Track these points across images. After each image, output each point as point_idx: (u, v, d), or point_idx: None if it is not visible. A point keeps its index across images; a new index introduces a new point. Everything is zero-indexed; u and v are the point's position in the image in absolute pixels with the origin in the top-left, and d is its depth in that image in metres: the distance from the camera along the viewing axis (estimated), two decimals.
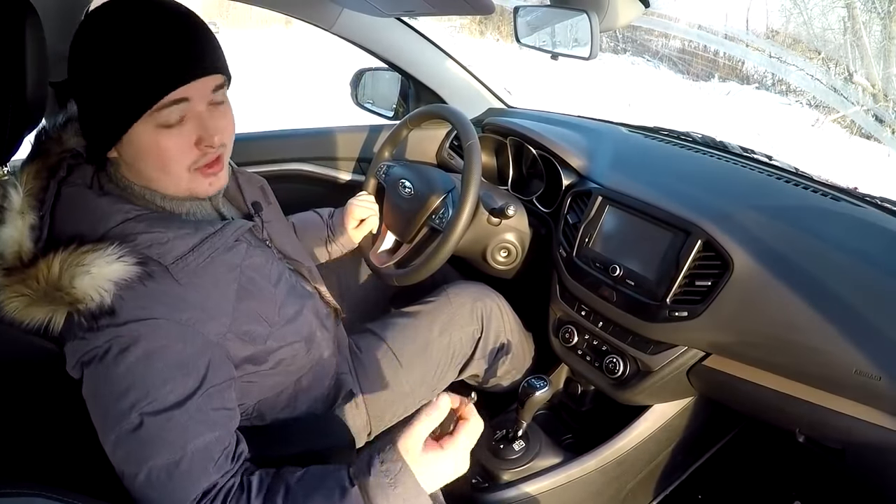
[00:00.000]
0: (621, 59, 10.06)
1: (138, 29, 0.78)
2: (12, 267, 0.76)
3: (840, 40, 7.77)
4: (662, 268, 1.13)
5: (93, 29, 0.79)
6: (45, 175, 0.83)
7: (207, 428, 0.79)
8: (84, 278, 0.74)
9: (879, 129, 6.56)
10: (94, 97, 0.80)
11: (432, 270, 1.27)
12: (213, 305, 0.84)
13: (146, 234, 0.81)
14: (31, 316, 0.75)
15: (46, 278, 0.75)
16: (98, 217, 0.81)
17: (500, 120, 1.68)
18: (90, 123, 0.83)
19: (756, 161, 1.32)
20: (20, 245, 0.77)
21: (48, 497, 0.57)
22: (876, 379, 0.90)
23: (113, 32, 0.78)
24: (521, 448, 1.26)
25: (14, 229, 0.77)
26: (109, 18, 0.79)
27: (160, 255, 0.81)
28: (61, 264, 0.75)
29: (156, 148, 0.82)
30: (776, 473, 1.53)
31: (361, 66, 1.96)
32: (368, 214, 1.46)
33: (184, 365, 0.79)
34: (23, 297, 0.75)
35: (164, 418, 0.76)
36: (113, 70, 0.78)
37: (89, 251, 0.76)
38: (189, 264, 0.82)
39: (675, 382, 1.20)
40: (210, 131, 0.84)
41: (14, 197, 0.78)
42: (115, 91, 0.78)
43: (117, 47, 0.78)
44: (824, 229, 1.05)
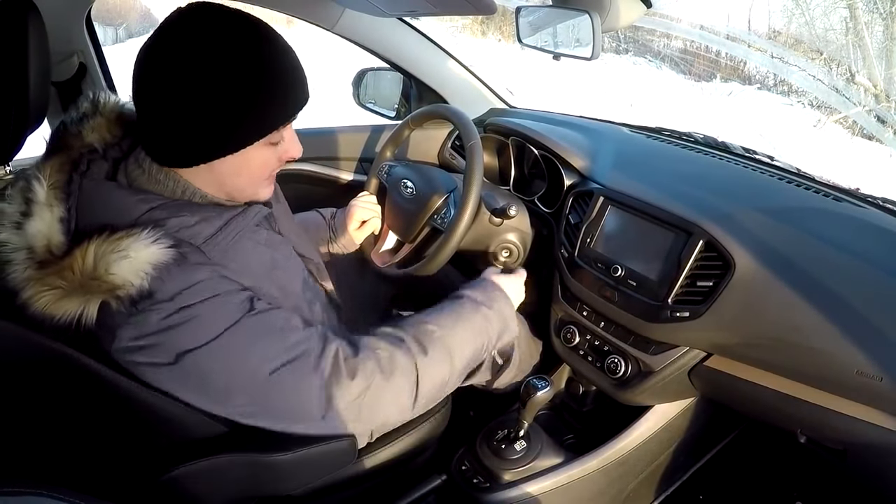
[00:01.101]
0: (623, 59, 10.05)
1: (269, 49, 0.82)
2: (45, 260, 0.76)
3: (842, 41, 7.76)
4: (664, 268, 1.13)
5: (208, 40, 0.78)
6: (68, 168, 0.83)
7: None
8: (123, 263, 0.75)
9: (881, 129, 6.55)
10: (208, 112, 0.79)
11: (434, 270, 1.28)
12: (252, 269, 0.88)
13: (173, 218, 0.82)
14: (64, 309, 0.75)
15: (81, 269, 0.75)
16: (124, 207, 0.81)
17: (502, 120, 1.68)
18: (190, 135, 0.81)
19: (758, 161, 1.32)
20: (49, 238, 0.77)
21: (51, 496, 0.57)
22: (877, 379, 0.90)
23: (241, 48, 0.79)
24: (522, 448, 1.26)
25: (42, 222, 0.77)
26: (231, 33, 0.79)
27: (190, 236, 0.82)
28: (95, 253, 0.75)
29: (258, 163, 0.88)
30: (777, 474, 1.53)
31: (363, 66, 1.96)
32: (371, 216, 1.46)
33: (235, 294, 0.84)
34: (56, 290, 0.75)
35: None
36: (246, 88, 0.79)
37: (123, 237, 0.76)
38: (219, 243, 0.84)
39: (676, 383, 1.20)
40: (295, 148, 0.92)
41: (39, 190, 0.78)
42: (243, 110, 0.81)
43: (253, 65, 0.79)
44: (826, 230, 1.04)
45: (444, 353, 0.98)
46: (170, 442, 0.94)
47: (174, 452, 0.93)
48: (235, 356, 0.82)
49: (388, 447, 1.21)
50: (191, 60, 0.77)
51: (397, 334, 0.97)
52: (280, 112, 0.84)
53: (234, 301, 0.83)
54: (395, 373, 0.92)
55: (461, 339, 1.02)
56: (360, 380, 0.88)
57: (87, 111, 0.90)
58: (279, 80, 0.82)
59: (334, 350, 0.89)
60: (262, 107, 0.82)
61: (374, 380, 0.90)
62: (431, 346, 0.97)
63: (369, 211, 1.46)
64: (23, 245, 0.77)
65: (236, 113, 0.80)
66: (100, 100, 0.91)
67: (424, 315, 1.04)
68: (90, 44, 1.61)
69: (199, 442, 0.95)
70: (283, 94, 0.83)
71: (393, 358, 0.93)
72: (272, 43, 0.82)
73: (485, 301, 1.09)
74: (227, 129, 0.81)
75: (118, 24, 20.40)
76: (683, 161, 1.37)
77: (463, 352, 1.02)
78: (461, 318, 1.05)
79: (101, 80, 1.66)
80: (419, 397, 0.96)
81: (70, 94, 1.60)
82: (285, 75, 0.83)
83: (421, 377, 0.95)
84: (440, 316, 1.03)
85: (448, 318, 1.03)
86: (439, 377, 0.99)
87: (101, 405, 0.87)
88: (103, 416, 0.90)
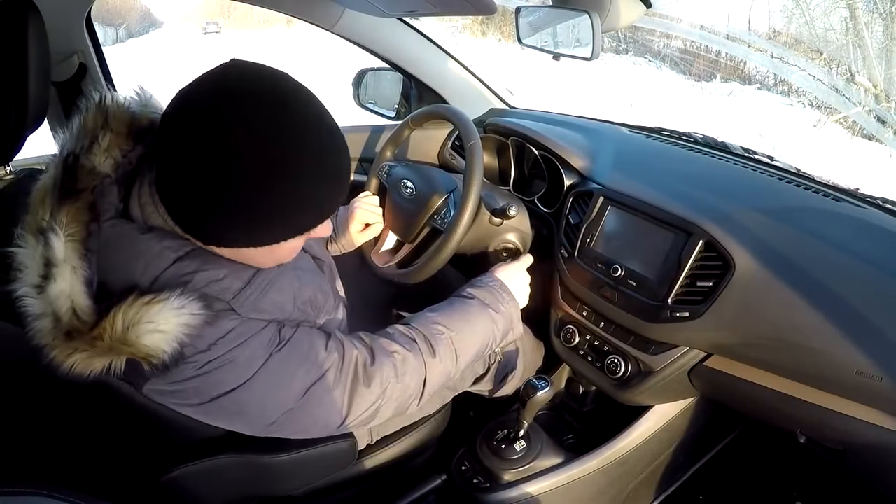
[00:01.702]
0: (623, 59, 10.06)
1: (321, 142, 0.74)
2: (71, 329, 0.71)
3: (842, 41, 7.76)
4: (664, 268, 1.13)
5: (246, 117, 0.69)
6: (86, 218, 0.76)
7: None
8: (156, 336, 0.72)
9: (881, 129, 6.55)
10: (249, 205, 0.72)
11: (434, 270, 1.28)
12: (282, 306, 0.86)
13: (201, 272, 0.77)
14: (91, 367, 0.73)
15: (111, 335, 0.71)
16: (148, 259, 0.75)
17: (502, 120, 1.68)
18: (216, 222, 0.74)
19: (758, 162, 1.32)
20: (73, 300, 0.72)
21: (50, 496, 0.57)
22: (877, 380, 0.90)
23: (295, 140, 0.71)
24: (522, 448, 1.26)
25: (64, 283, 0.71)
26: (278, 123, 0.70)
27: (219, 292, 0.78)
28: (124, 319, 0.71)
29: (290, 251, 0.84)
30: (777, 474, 1.53)
31: (363, 66, 1.96)
32: (374, 220, 1.46)
33: (267, 329, 0.83)
34: (84, 352, 0.72)
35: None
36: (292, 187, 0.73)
37: (151, 302, 0.72)
38: (248, 297, 0.80)
39: (676, 383, 1.20)
40: (325, 229, 0.84)
41: (58, 247, 0.71)
42: (286, 211, 0.75)
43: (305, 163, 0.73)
44: (826, 230, 1.04)
45: (450, 354, 1.02)
46: (170, 442, 0.94)
47: (174, 453, 0.93)
48: (269, 389, 0.83)
49: (389, 448, 1.21)
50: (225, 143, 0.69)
51: (410, 335, 1.00)
52: (319, 214, 0.79)
53: (264, 339, 0.81)
54: (406, 374, 0.95)
55: (467, 340, 1.05)
56: (376, 386, 0.91)
57: (97, 129, 0.80)
58: (326, 177, 0.76)
59: (354, 359, 0.90)
60: (306, 209, 0.77)
61: (388, 384, 0.93)
62: (440, 347, 1.01)
63: (372, 214, 1.46)
64: (46, 311, 0.72)
65: (276, 213, 0.74)
66: (108, 109, 0.81)
67: (435, 314, 1.06)
68: (90, 44, 1.61)
69: (200, 442, 0.95)
70: (329, 192, 0.78)
71: (406, 361, 0.96)
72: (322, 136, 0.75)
73: (492, 304, 1.11)
74: (264, 226, 0.75)
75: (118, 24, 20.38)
76: (683, 161, 1.37)
77: (468, 352, 1.06)
78: (469, 320, 1.07)
79: (102, 80, 1.66)
80: (425, 395, 1.00)
81: (70, 94, 1.60)
82: (333, 172, 0.77)
83: (428, 376, 0.99)
84: (450, 316, 1.06)
85: (457, 319, 1.06)
86: (445, 375, 1.02)
87: (102, 405, 0.87)
88: (103, 417, 0.90)
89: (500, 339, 1.13)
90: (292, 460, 0.99)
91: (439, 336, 1.02)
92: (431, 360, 0.99)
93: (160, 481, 0.91)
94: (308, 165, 0.73)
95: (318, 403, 0.87)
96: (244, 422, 0.86)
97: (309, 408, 0.86)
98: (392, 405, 0.95)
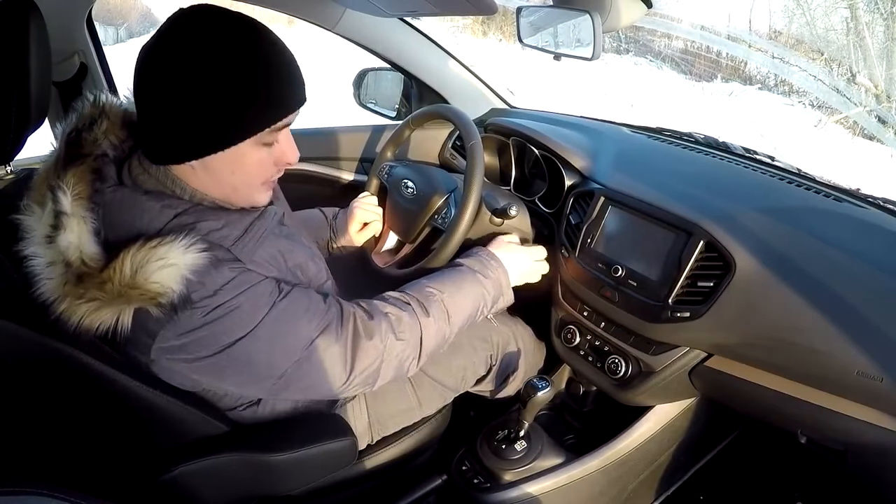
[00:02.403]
0: (624, 59, 10.04)
1: (263, 49, 0.81)
2: (83, 273, 0.76)
3: (843, 41, 7.74)
4: (665, 268, 1.13)
5: (204, 39, 0.78)
6: (89, 178, 0.84)
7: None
8: (164, 272, 0.77)
9: (882, 130, 6.54)
10: (201, 107, 0.79)
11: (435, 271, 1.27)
12: (276, 262, 0.92)
13: (201, 222, 0.84)
14: (100, 319, 0.77)
15: (120, 279, 0.76)
16: (151, 216, 0.82)
17: (503, 120, 1.68)
18: (183, 130, 0.81)
19: (758, 162, 1.32)
20: (81, 250, 0.77)
21: (50, 496, 0.57)
22: (878, 380, 0.90)
23: (235, 47, 0.79)
24: (523, 448, 1.26)
25: (73, 234, 0.77)
26: (226, 32, 0.79)
27: (220, 239, 0.84)
28: (132, 262, 0.76)
29: (252, 162, 0.87)
30: (778, 474, 1.53)
31: (364, 66, 1.96)
32: (373, 219, 1.46)
33: (268, 282, 0.88)
34: (93, 301, 0.76)
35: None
36: (237, 85, 0.79)
37: (159, 245, 0.78)
38: (246, 244, 0.87)
39: (676, 383, 1.20)
40: (292, 153, 0.92)
41: (64, 202, 0.78)
42: (235, 106, 0.80)
43: (246, 63, 0.79)
44: (826, 230, 1.04)
45: (443, 314, 1.08)
46: (170, 441, 0.94)
47: (174, 452, 0.93)
48: (276, 339, 0.87)
49: (389, 447, 1.21)
50: (185, 57, 0.78)
51: (403, 298, 1.07)
52: (272, 111, 0.84)
53: (266, 290, 0.86)
54: (404, 332, 1.01)
55: (459, 303, 1.11)
56: (376, 341, 0.97)
57: (95, 115, 0.89)
58: (273, 79, 0.82)
59: (352, 314, 0.96)
60: (253, 104, 0.81)
61: (388, 340, 0.99)
62: (432, 308, 1.07)
63: (371, 213, 1.47)
64: (56, 259, 0.77)
65: (228, 109, 0.80)
66: (103, 102, 0.91)
67: (426, 279, 1.13)
68: (91, 44, 1.61)
69: (200, 441, 0.95)
70: (277, 93, 0.83)
71: (401, 320, 1.02)
72: (269, 43, 0.82)
73: (481, 270, 1.18)
74: (218, 124, 0.81)
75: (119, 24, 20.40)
76: (684, 161, 1.37)
77: (460, 313, 1.11)
78: (459, 284, 1.14)
79: (102, 80, 1.66)
80: (422, 355, 1.05)
81: (71, 93, 1.60)
82: (279, 75, 0.83)
83: (424, 335, 1.04)
84: (441, 281, 1.13)
85: (447, 283, 1.13)
86: (440, 335, 1.08)
87: (102, 404, 0.87)
88: (103, 416, 0.90)
89: (491, 303, 1.19)
90: (293, 459, 0.99)
91: (431, 297, 1.08)
92: (426, 319, 1.05)
93: (160, 480, 0.91)
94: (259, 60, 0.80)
95: (322, 355, 0.92)
96: (253, 375, 0.89)
97: (315, 360, 0.91)
98: (392, 364, 1.00)
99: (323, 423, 1.08)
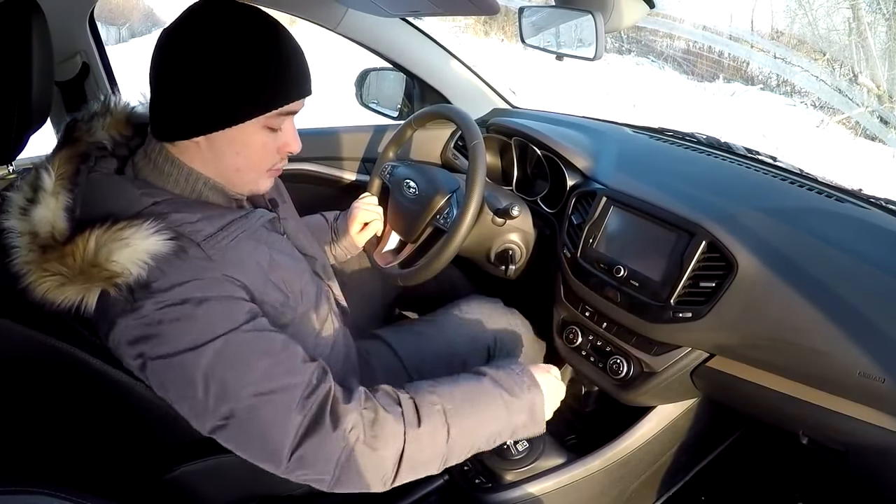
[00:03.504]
0: (626, 59, 10.03)
1: (276, 37, 0.85)
2: (47, 245, 0.77)
3: (845, 41, 7.74)
4: (667, 269, 1.12)
5: (220, 23, 0.82)
6: (76, 161, 0.86)
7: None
8: (123, 251, 0.76)
9: (884, 130, 6.53)
10: (212, 83, 0.82)
11: (437, 271, 1.27)
12: (250, 268, 0.87)
13: (176, 213, 0.83)
14: (64, 295, 0.77)
15: (83, 255, 0.76)
16: (128, 199, 0.83)
17: (505, 120, 1.68)
18: (194, 105, 0.84)
19: (761, 162, 1.32)
20: (53, 225, 0.78)
21: (51, 496, 0.57)
22: (880, 381, 0.89)
23: (249, 32, 0.83)
24: (524, 448, 1.26)
25: (47, 209, 0.79)
26: (241, 19, 0.83)
27: (191, 232, 0.83)
28: (97, 241, 0.76)
29: (257, 144, 0.89)
30: (779, 475, 1.53)
31: (366, 66, 1.96)
32: (372, 218, 1.46)
33: (236, 302, 0.83)
34: (57, 275, 0.76)
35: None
36: (249, 66, 0.82)
37: (125, 227, 0.78)
38: (219, 242, 0.84)
39: (678, 384, 1.19)
40: (295, 142, 0.94)
41: (46, 179, 0.81)
42: (245, 85, 0.83)
43: (259, 48, 0.83)
44: (829, 231, 1.04)
45: (441, 430, 0.88)
46: (172, 441, 0.94)
47: (176, 452, 0.93)
48: (226, 366, 0.78)
49: None
50: (201, 38, 0.81)
51: (395, 396, 0.90)
52: (281, 95, 0.86)
53: (235, 308, 0.81)
54: (378, 438, 0.84)
55: (467, 420, 0.91)
56: (340, 433, 0.81)
57: (98, 110, 0.93)
58: (281, 65, 0.85)
59: (326, 390, 0.83)
60: (263, 85, 0.84)
61: (356, 440, 0.82)
62: (427, 419, 0.87)
63: (371, 213, 1.47)
64: (27, 230, 0.79)
65: (238, 87, 0.83)
66: (110, 101, 0.95)
67: (434, 383, 0.94)
68: (93, 43, 1.61)
69: (201, 441, 0.95)
70: (284, 77, 0.86)
71: (381, 422, 0.84)
72: (279, 33, 0.85)
73: (508, 386, 0.97)
74: (228, 101, 0.83)
75: (121, 24, 20.42)
76: (686, 161, 1.37)
77: (468, 434, 0.92)
78: (473, 399, 0.94)
79: (105, 80, 1.66)
80: (401, 471, 0.87)
81: (73, 93, 1.60)
82: (288, 62, 0.86)
83: (407, 449, 0.85)
84: (451, 389, 0.93)
85: (458, 393, 0.93)
86: (430, 452, 0.88)
87: (103, 404, 0.87)
88: (105, 415, 0.90)
89: (519, 429, 0.98)
90: None
91: (430, 406, 0.89)
92: (414, 430, 0.86)
93: (162, 480, 0.91)
94: (271, 45, 0.84)
95: (272, 418, 0.79)
96: (191, 395, 0.79)
97: (260, 417, 0.79)
98: (354, 475, 0.83)
99: None
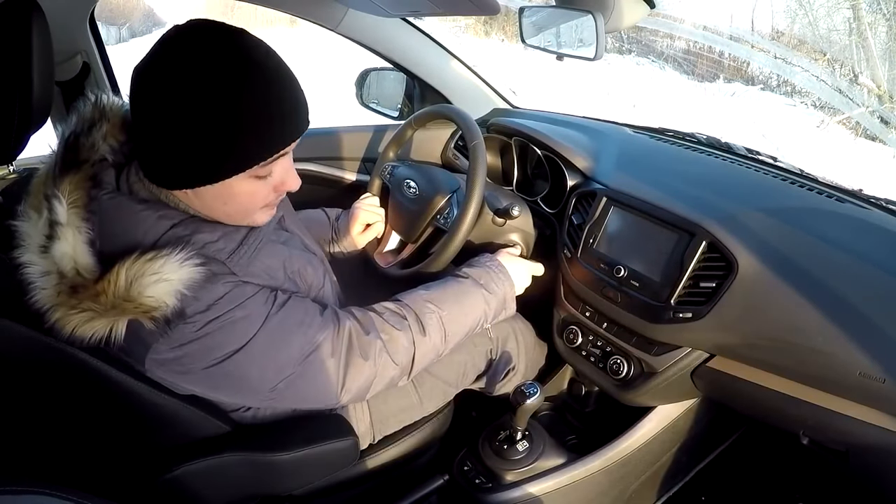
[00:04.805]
0: (626, 59, 10.03)
1: (258, 78, 0.77)
2: (76, 284, 0.75)
3: (845, 42, 7.73)
4: (667, 269, 1.12)
5: (194, 66, 0.74)
6: (86, 186, 0.82)
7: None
8: (160, 285, 0.76)
9: (885, 130, 6.53)
10: (188, 140, 0.76)
11: (437, 270, 1.27)
12: (272, 271, 0.92)
13: (197, 235, 0.83)
14: (94, 329, 0.76)
15: (115, 291, 0.75)
16: (147, 226, 0.81)
17: (505, 120, 1.68)
18: (171, 161, 0.79)
19: (761, 162, 1.32)
20: (76, 260, 0.76)
21: (51, 495, 0.57)
22: (880, 381, 0.89)
23: (226, 77, 0.75)
24: (524, 449, 1.26)
25: (67, 244, 0.76)
26: (218, 60, 0.75)
27: (215, 252, 0.83)
28: (127, 275, 0.75)
29: (245, 196, 0.85)
30: (780, 475, 1.53)
31: (366, 66, 1.96)
32: (374, 220, 1.46)
33: (262, 292, 0.87)
34: (86, 312, 0.75)
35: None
36: (226, 119, 0.75)
37: (153, 258, 0.76)
38: (242, 257, 0.86)
39: (679, 384, 1.19)
40: (291, 180, 0.89)
41: (60, 210, 0.76)
42: (224, 141, 0.77)
43: (237, 96, 0.75)
44: (829, 231, 1.04)
45: (440, 332, 1.06)
46: (171, 441, 0.94)
47: (176, 451, 0.93)
48: (269, 354, 0.87)
49: (391, 447, 1.21)
50: (174, 87, 0.74)
51: (401, 312, 1.04)
52: (263, 147, 0.80)
53: (260, 302, 0.86)
54: (398, 353, 1.00)
55: (458, 320, 1.10)
56: (371, 361, 0.96)
57: (95, 117, 0.86)
58: (265, 113, 0.78)
59: (348, 329, 0.95)
60: (243, 140, 0.78)
61: (382, 360, 0.98)
62: (430, 326, 1.05)
63: (373, 214, 1.47)
64: (51, 269, 0.76)
65: (215, 144, 0.77)
66: (104, 104, 0.88)
67: (427, 292, 1.10)
68: (94, 43, 1.61)
69: (201, 441, 0.95)
70: (269, 127, 0.79)
71: (397, 340, 1.00)
72: (262, 74, 0.77)
73: (486, 283, 1.16)
74: (206, 159, 0.78)
75: (121, 24, 20.43)
76: (686, 162, 1.37)
77: (458, 331, 1.10)
78: (461, 300, 1.12)
79: (105, 80, 1.66)
80: (413, 370, 1.04)
81: (73, 93, 1.60)
82: (271, 110, 0.79)
83: (417, 354, 1.03)
84: (442, 295, 1.10)
85: (449, 298, 1.10)
86: (434, 352, 1.07)
87: (104, 404, 0.87)
88: (105, 416, 0.90)
89: (492, 317, 1.17)
90: (294, 459, 0.99)
91: (430, 315, 1.06)
92: (421, 338, 1.04)
93: (162, 480, 0.91)
94: (249, 96, 0.76)
95: (316, 371, 0.92)
96: (246, 387, 0.89)
97: (308, 375, 0.91)
98: (384, 381, 1.00)
99: (325, 422, 1.08)
